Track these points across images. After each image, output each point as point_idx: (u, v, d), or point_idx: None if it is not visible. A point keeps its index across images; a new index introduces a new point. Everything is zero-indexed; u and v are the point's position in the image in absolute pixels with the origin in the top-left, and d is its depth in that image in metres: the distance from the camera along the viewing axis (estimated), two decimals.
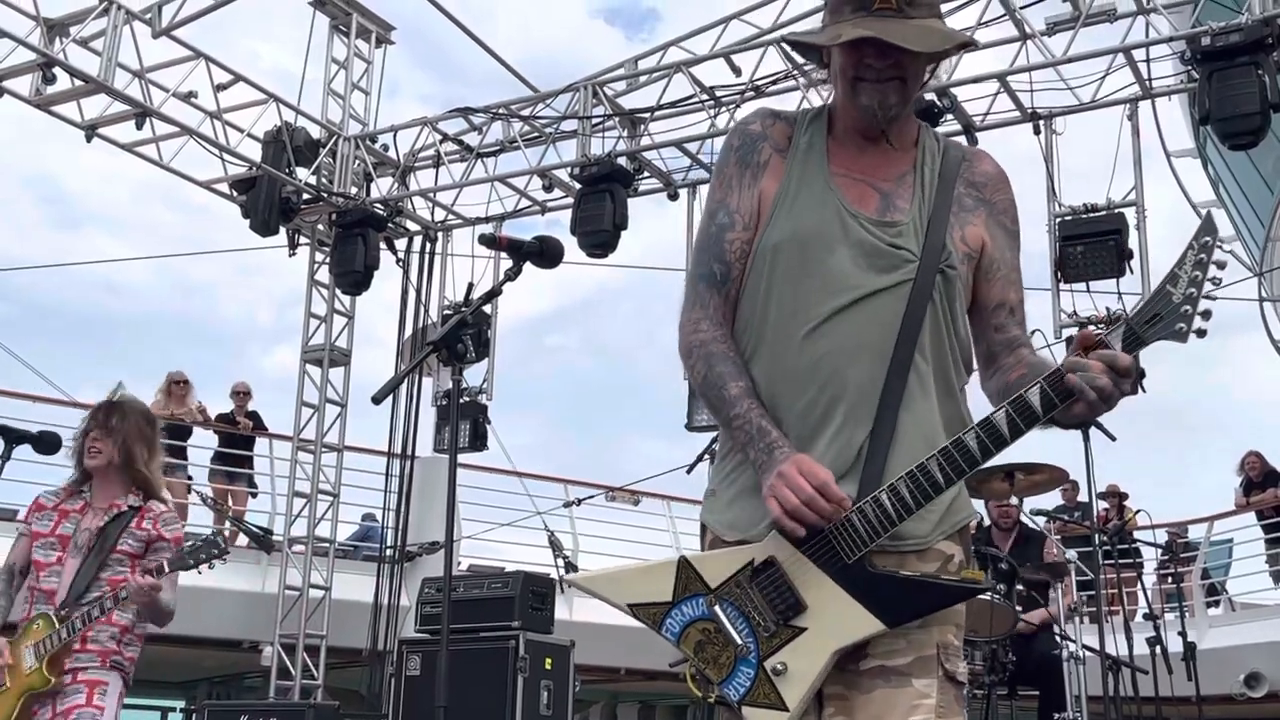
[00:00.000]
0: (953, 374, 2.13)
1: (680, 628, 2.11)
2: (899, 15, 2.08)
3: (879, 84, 2.11)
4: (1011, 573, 5.83)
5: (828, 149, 2.19)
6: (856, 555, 1.99)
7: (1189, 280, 1.90)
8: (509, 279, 3.33)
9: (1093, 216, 8.13)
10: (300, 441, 10.61)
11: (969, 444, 1.96)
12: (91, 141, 9.40)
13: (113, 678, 4.00)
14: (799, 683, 2.01)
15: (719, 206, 2.21)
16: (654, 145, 9.60)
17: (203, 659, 11.68)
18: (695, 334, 2.17)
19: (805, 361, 2.06)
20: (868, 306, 2.06)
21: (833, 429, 2.04)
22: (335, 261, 10.41)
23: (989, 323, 2.20)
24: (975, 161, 2.25)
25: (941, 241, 2.10)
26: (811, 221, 2.12)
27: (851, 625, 1.99)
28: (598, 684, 12.74)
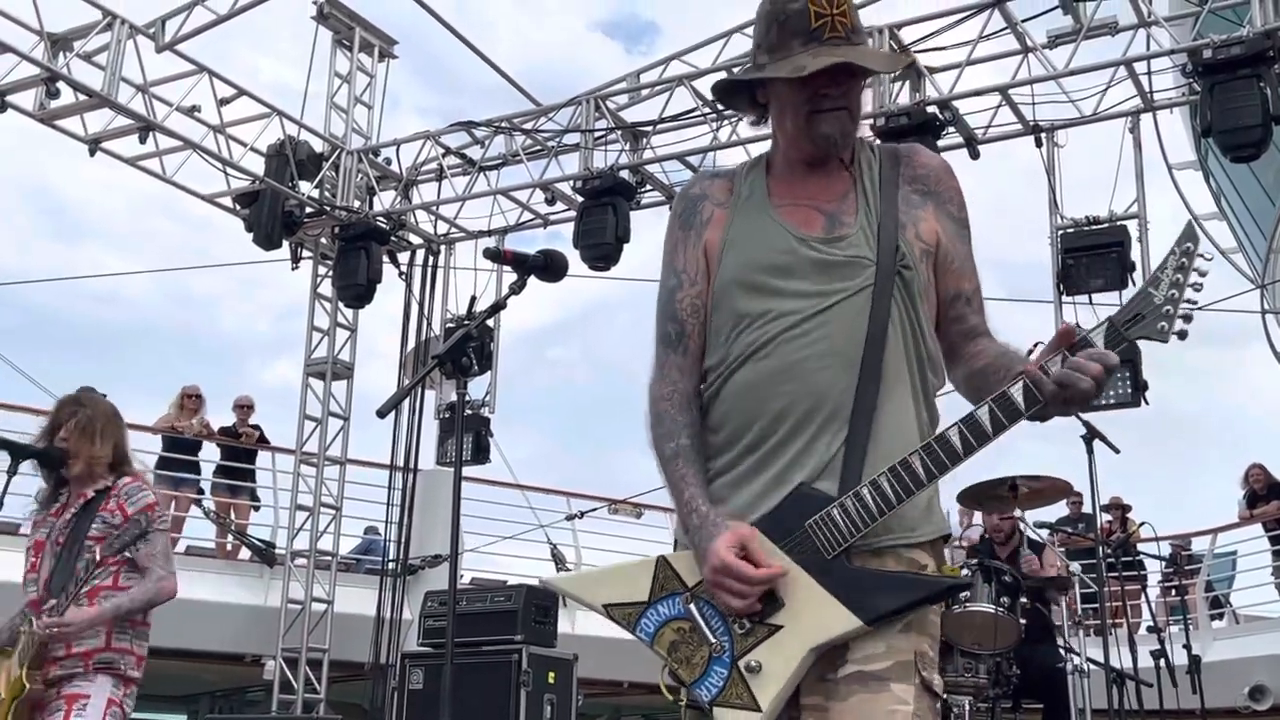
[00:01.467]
0: (922, 371, 2.16)
1: (655, 628, 2.08)
2: (848, 43, 2.12)
3: (836, 112, 2.15)
4: (1015, 586, 5.81)
5: (768, 188, 2.25)
6: (836, 551, 1.99)
7: (1170, 283, 1.96)
8: (513, 292, 3.33)
9: (1095, 229, 8.13)
10: (303, 455, 10.61)
11: (952, 439, 1.98)
12: (95, 155, 9.43)
13: (97, 684, 3.91)
14: (773, 682, 1.97)
15: (667, 269, 2.29)
16: (656, 158, 9.62)
17: (205, 673, 11.65)
18: (651, 395, 2.24)
19: (775, 374, 2.09)
20: (831, 315, 2.09)
21: (808, 434, 2.06)
22: (338, 275, 10.43)
23: (947, 314, 2.23)
24: (913, 156, 2.28)
25: (895, 244, 2.13)
26: (760, 252, 2.17)
27: (829, 623, 1.98)
28: (601, 698, 12.70)
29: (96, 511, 4.03)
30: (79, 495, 4.08)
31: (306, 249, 10.89)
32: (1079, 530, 9.40)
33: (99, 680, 3.93)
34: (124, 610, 3.92)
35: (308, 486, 10.56)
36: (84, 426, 4.07)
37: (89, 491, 4.07)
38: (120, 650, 3.99)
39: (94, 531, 3.99)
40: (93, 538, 3.97)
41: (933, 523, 2.12)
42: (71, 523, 4.04)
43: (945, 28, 8.47)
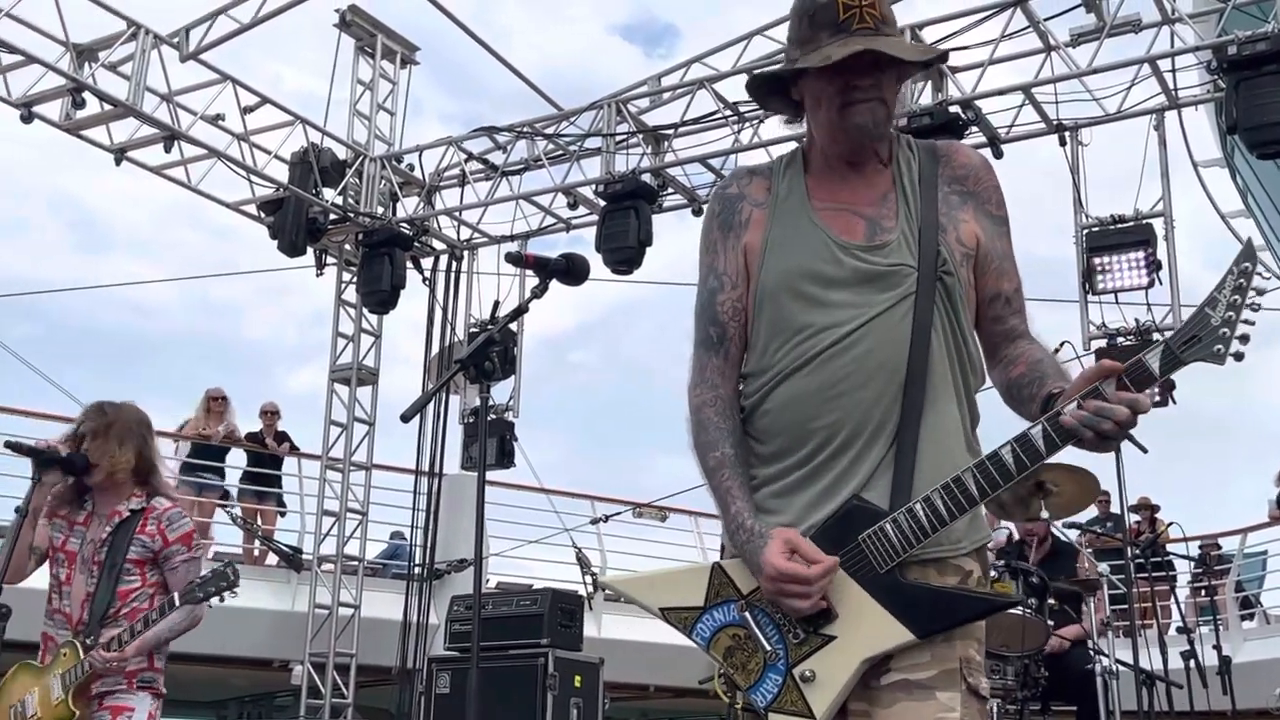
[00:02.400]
0: (965, 376, 2.16)
1: (710, 633, 2.13)
2: (878, 34, 2.11)
3: (869, 103, 2.13)
4: (1043, 587, 5.78)
5: (807, 188, 2.23)
6: (889, 565, 2.02)
7: (1227, 304, 1.93)
8: (536, 296, 3.33)
9: (1120, 228, 8.09)
10: (329, 460, 10.65)
11: (1005, 458, 1.98)
12: (121, 165, 9.49)
13: (140, 700, 3.96)
14: (827, 690, 2.02)
15: (708, 272, 2.28)
16: (678, 161, 9.63)
17: (233, 678, 11.71)
18: (692, 399, 2.25)
19: (821, 389, 2.09)
20: (874, 326, 2.10)
21: (856, 448, 2.07)
22: (362, 281, 10.47)
23: (988, 314, 2.22)
24: (953, 155, 2.26)
25: (935, 249, 2.13)
26: (803, 259, 2.16)
27: (881, 635, 2.01)
28: (626, 701, 12.71)
29: (133, 533, 4.02)
30: (112, 512, 4.07)
31: (331, 255, 10.94)
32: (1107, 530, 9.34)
33: (140, 695, 3.97)
34: (164, 639, 3.96)
35: (334, 492, 10.60)
36: (104, 434, 4.07)
37: (123, 510, 4.06)
38: (159, 670, 4.06)
39: (134, 554, 4.00)
40: (133, 560, 4.00)
41: (978, 532, 2.14)
42: (108, 541, 4.02)
43: (967, 27, 8.44)
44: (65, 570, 4.07)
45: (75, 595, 4.01)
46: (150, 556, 4.02)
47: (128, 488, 4.09)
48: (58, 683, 3.91)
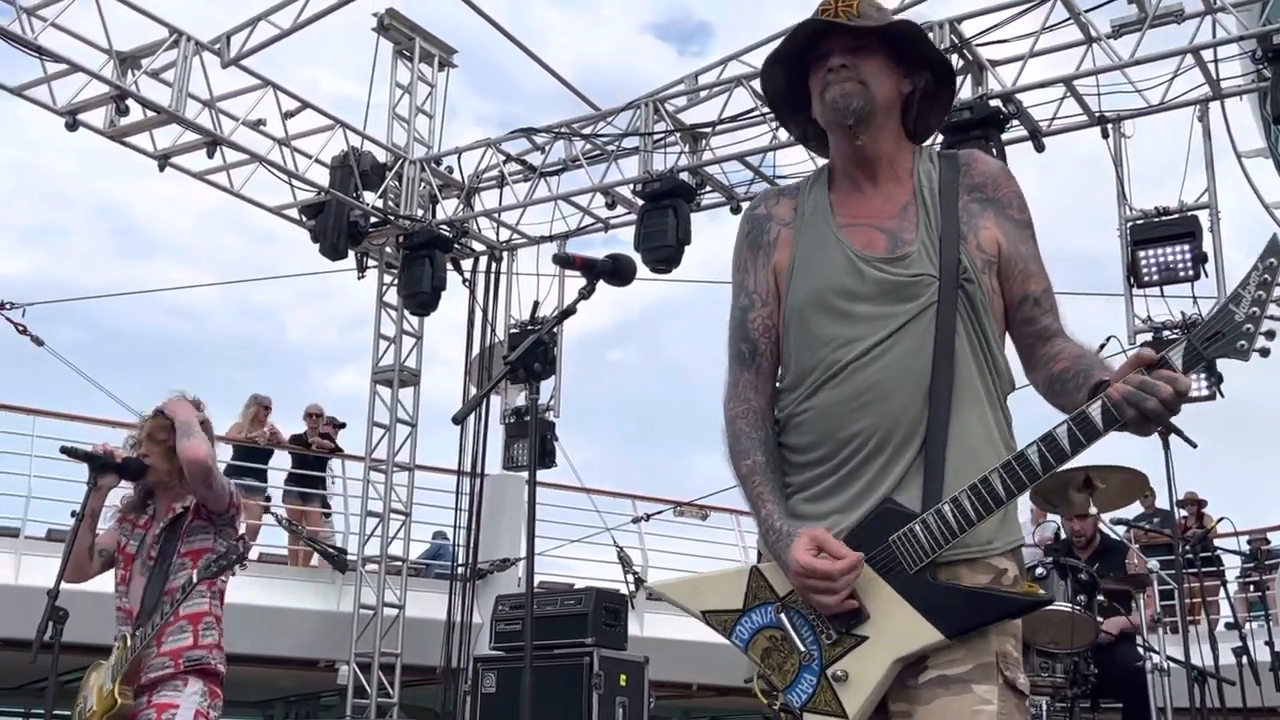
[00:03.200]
0: (991, 381, 2.20)
1: (749, 635, 2.18)
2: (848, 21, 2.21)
3: (841, 83, 2.21)
4: (1091, 584, 5.73)
5: (831, 205, 2.31)
6: (919, 566, 2.05)
7: (1252, 300, 1.93)
8: (583, 297, 3.33)
9: (1165, 220, 8.01)
10: (372, 461, 10.72)
11: (1030, 458, 2.01)
12: (164, 171, 9.59)
13: (185, 693, 3.96)
14: (859, 690, 2.05)
15: (739, 290, 2.38)
16: (716, 159, 9.62)
17: (280, 678, 11.81)
18: (727, 412, 2.34)
19: (850, 399, 2.15)
20: (899, 337, 2.15)
21: (886, 455, 2.12)
22: (403, 283, 10.52)
23: (1018, 317, 2.25)
24: (973, 164, 2.31)
25: (956, 257, 2.18)
26: (828, 275, 2.23)
27: (912, 635, 2.03)
28: (670, 700, 12.72)
29: (186, 524, 4.07)
30: (167, 509, 4.13)
31: (372, 258, 11.01)
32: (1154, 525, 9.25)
33: (189, 687, 3.98)
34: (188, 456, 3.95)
35: (377, 493, 10.67)
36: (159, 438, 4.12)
37: (176, 506, 4.12)
38: (207, 646, 4.04)
39: (184, 547, 4.05)
40: (185, 554, 4.04)
41: (1011, 534, 2.17)
42: (161, 537, 4.08)
43: (1008, 20, 8.38)
44: (123, 571, 4.14)
45: (134, 594, 4.08)
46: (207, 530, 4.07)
47: (186, 488, 4.13)
48: (109, 675, 3.97)
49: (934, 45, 2.36)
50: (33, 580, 9.14)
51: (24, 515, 9.80)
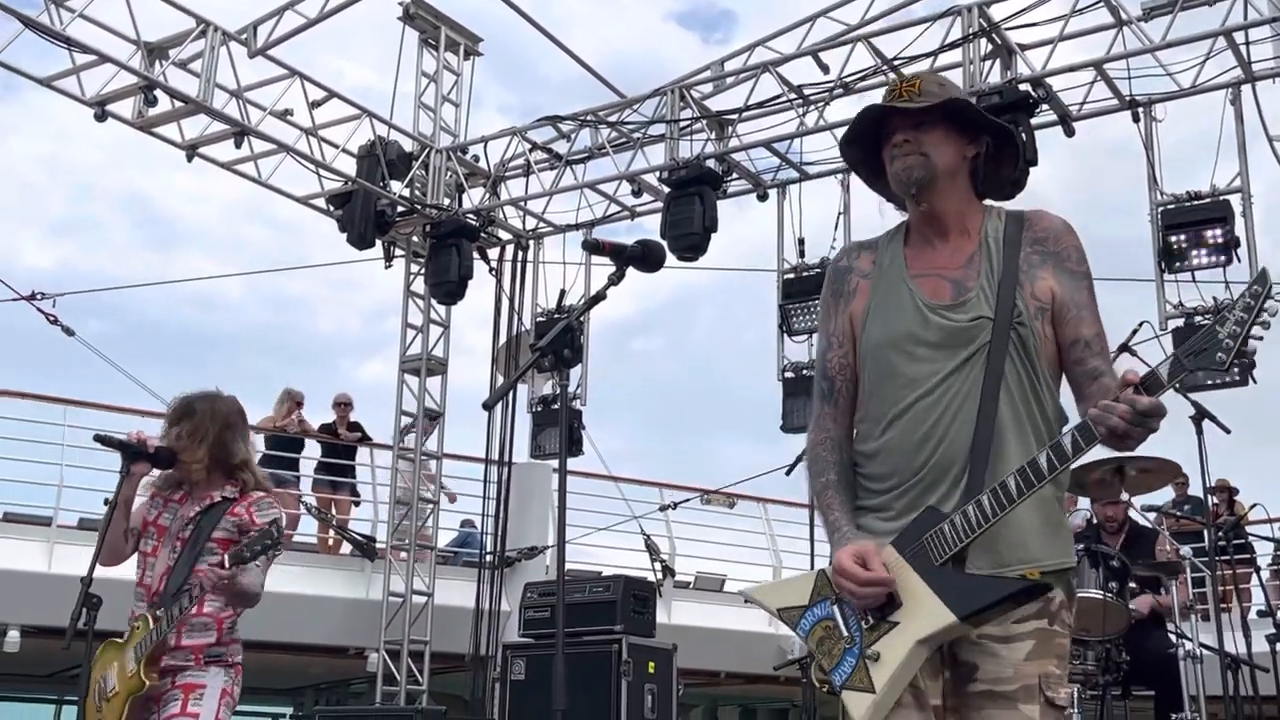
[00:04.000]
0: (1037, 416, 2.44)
1: (809, 626, 2.51)
2: (909, 101, 2.51)
3: (903, 157, 2.52)
4: (1123, 570, 5.69)
5: (905, 259, 2.59)
6: (944, 558, 2.33)
7: (1236, 321, 2.16)
8: (612, 283, 3.34)
9: (1197, 205, 7.93)
10: (400, 450, 10.76)
11: (1040, 461, 2.28)
12: (192, 161, 9.64)
13: (211, 675, 3.98)
14: (887, 668, 2.33)
15: (821, 334, 2.72)
16: (742, 146, 9.59)
17: (309, 665, 11.88)
18: (809, 440, 2.69)
19: (915, 434, 2.45)
20: (957, 378, 2.43)
21: (946, 484, 2.40)
22: (430, 272, 10.54)
23: (1069, 359, 2.46)
24: (1037, 221, 2.54)
25: (1012, 301, 2.43)
26: (898, 322, 2.52)
27: (930, 617, 2.31)
28: (698, 688, 12.72)
29: (224, 515, 4.07)
30: (205, 494, 4.14)
31: (399, 247, 11.04)
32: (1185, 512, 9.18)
33: (211, 671, 3.99)
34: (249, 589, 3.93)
35: (406, 481, 10.71)
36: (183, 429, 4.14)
37: (215, 494, 4.12)
38: (228, 643, 4.07)
39: (219, 534, 4.04)
40: (217, 539, 4.03)
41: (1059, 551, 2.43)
42: (195, 520, 4.08)
43: (1037, 3, 8.31)
44: (153, 543, 4.12)
45: (157, 569, 4.07)
46: (235, 536, 4.04)
47: (217, 480, 4.15)
48: (131, 655, 3.95)
49: (987, 115, 2.63)
50: (65, 568, 9.22)
51: (56, 504, 9.89)
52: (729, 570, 13.42)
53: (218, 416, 4.20)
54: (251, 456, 4.29)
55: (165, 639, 3.92)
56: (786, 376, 9.17)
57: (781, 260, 9.43)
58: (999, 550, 2.36)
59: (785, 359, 9.23)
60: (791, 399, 9.02)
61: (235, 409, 4.28)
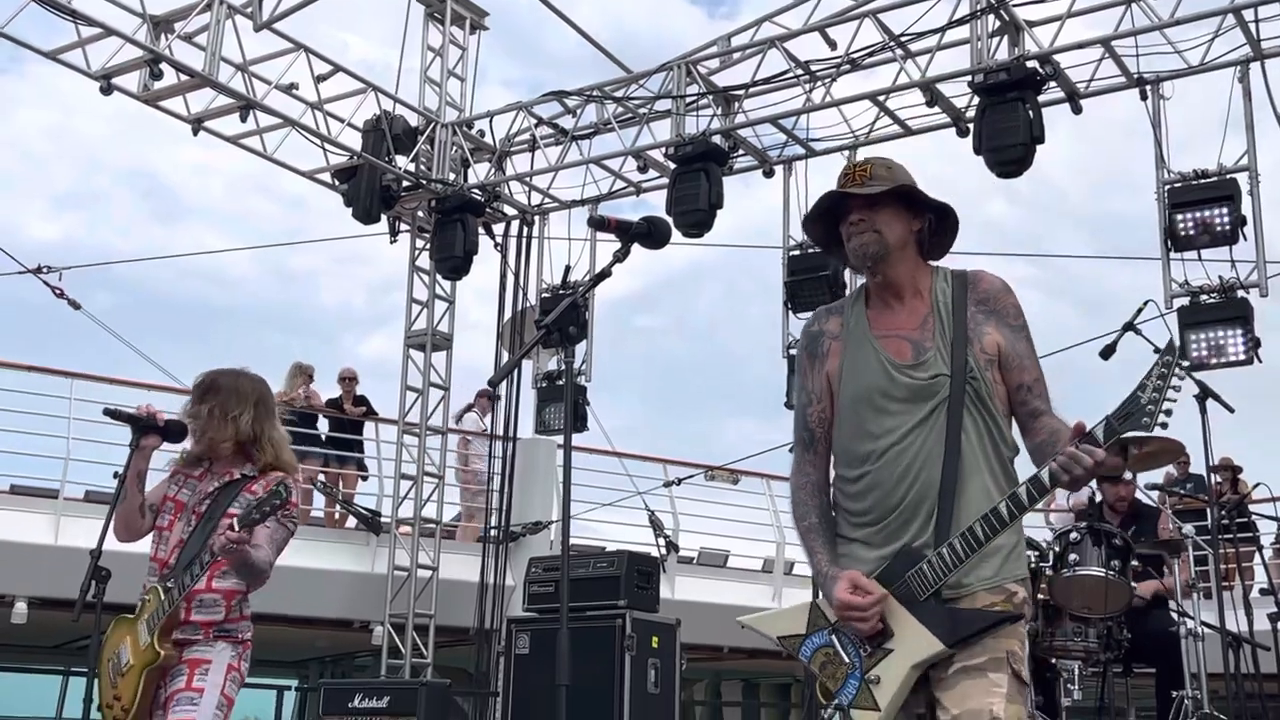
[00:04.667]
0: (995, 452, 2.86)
1: (810, 652, 2.91)
2: (860, 185, 2.91)
3: (860, 235, 2.92)
4: (1125, 549, 5.70)
5: (868, 320, 2.98)
6: (926, 594, 2.73)
7: (1154, 388, 2.53)
8: (617, 260, 3.35)
9: (1203, 183, 7.90)
10: (405, 425, 10.79)
11: (1001, 510, 2.69)
12: (198, 135, 9.63)
13: (218, 650, 3.99)
14: (887, 689, 2.73)
15: (800, 389, 3.09)
16: (749, 122, 9.55)
17: (315, 639, 11.95)
18: (792, 484, 3.08)
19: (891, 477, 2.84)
20: (924, 428, 2.83)
21: (920, 519, 2.80)
22: (435, 247, 10.55)
23: (1015, 400, 2.89)
24: (978, 282, 2.95)
25: (964, 360, 2.84)
26: (868, 380, 2.91)
27: (923, 646, 2.71)
28: (701, 662, 12.79)
29: (240, 491, 4.07)
30: (225, 471, 4.14)
31: (404, 222, 11.04)
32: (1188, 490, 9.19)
33: (218, 646, 4.00)
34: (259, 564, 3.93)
35: (411, 456, 10.74)
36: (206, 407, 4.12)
37: (235, 471, 4.13)
38: (237, 619, 4.07)
39: (234, 509, 4.02)
40: (232, 514, 4.00)
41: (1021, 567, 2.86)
42: (213, 495, 4.09)
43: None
44: (169, 518, 4.13)
45: (170, 542, 4.08)
46: None
47: (240, 458, 4.15)
48: (144, 628, 3.96)
49: (929, 196, 2.96)
50: (72, 541, 9.27)
51: (63, 477, 9.93)
52: (732, 546, 13.48)
53: (247, 395, 4.20)
54: (280, 436, 4.25)
55: (177, 611, 3.93)
56: (792, 354, 9.17)
57: (787, 237, 9.42)
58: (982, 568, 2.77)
59: (790, 336, 9.23)
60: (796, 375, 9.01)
61: (264, 388, 4.28)
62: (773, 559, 13.18)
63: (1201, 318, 7.60)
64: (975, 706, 2.65)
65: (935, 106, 8.81)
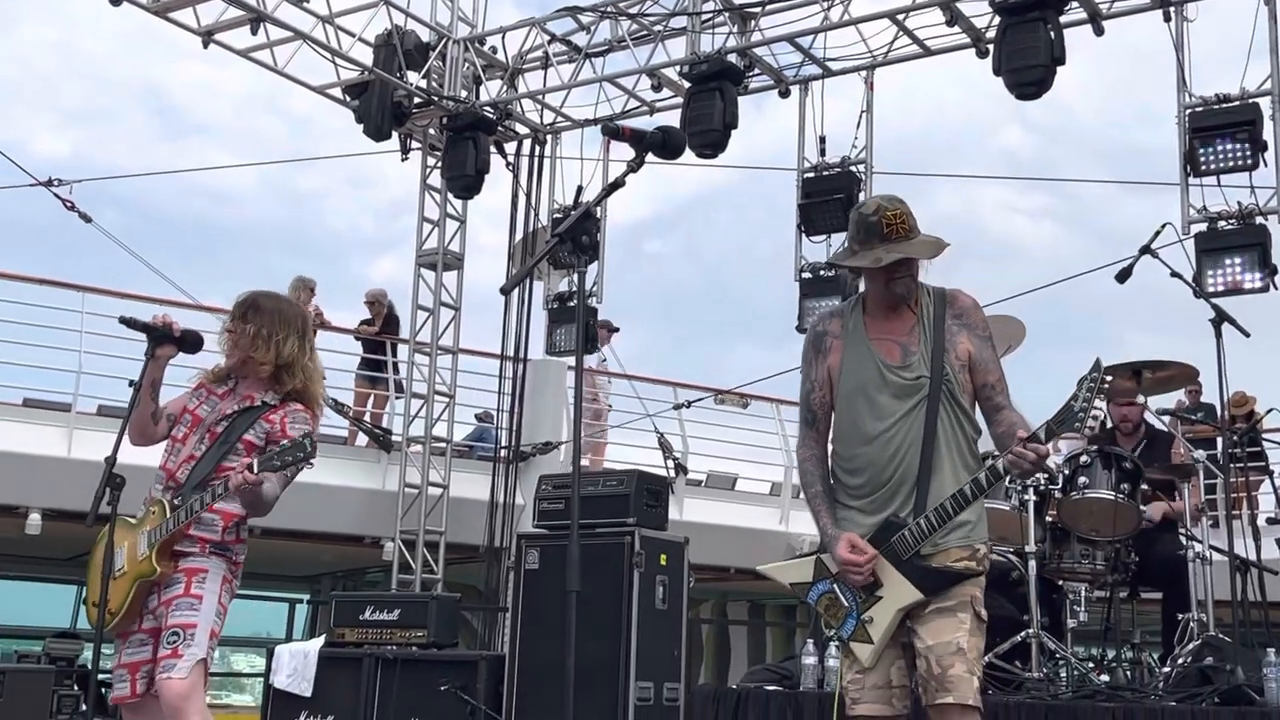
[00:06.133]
0: (963, 441, 3.53)
1: (816, 596, 3.59)
2: (907, 239, 3.50)
3: (903, 280, 3.54)
4: (1136, 472, 5.70)
5: (865, 324, 3.63)
6: (908, 555, 3.42)
7: (1084, 398, 3.23)
8: (632, 170, 3.32)
9: (1225, 107, 7.78)
10: (416, 344, 10.80)
11: (965, 490, 3.38)
12: (208, 48, 9.53)
13: (213, 564, 4.02)
14: (879, 627, 3.45)
15: (805, 377, 3.71)
16: (765, 41, 9.42)
17: (326, 553, 12.09)
18: (799, 456, 3.73)
19: (882, 456, 3.51)
20: (909, 419, 3.49)
21: (903, 492, 3.48)
22: (446, 165, 10.47)
23: (981, 396, 3.57)
24: (955, 301, 3.61)
25: (942, 365, 3.50)
26: (863, 377, 3.56)
27: (905, 595, 3.41)
28: (708, 582, 12.91)
29: (258, 418, 4.08)
30: (247, 395, 4.14)
31: (415, 140, 10.95)
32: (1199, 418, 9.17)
33: (214, 559, 4.03)
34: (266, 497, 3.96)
35: (421, 375, 10.76)
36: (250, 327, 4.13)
37: (258, 398, 4.13)
38: (233, 541, 4.10)
39: (249, 436, 4.05)
40: (246, 442, 4.04)
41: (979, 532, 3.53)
42: (231, 417, 4.09)
43: None
44: (184, 430, 4.14)
45: (181, 455, 4.09)
46: (262, 443, 4.06)
47: (268, 384, 4.15)
48: (144, 540, 3.99)
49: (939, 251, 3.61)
50: (85, 454, 9.34)
51: (75, 390, 9.98)
52: (740, 469, 13.54)
53: (291, 320, 4.20)
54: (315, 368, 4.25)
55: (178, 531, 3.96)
56: (804, 276, 9.13)
57: (802, 159, 9.33)
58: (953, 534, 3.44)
59: (803, 259, 9.18)
60: (808, 299, 8.99)
61: (307, 316, 4.30)
62: (780, 482, 13.24)
63: (1218, 244, 7.53)
64: (946, 638, 3.36)
65: (955, 26, 8.68)
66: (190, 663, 3.88)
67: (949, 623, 3.37)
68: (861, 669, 3.48)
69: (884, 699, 3.48)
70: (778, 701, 5.48)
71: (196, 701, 3.88)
